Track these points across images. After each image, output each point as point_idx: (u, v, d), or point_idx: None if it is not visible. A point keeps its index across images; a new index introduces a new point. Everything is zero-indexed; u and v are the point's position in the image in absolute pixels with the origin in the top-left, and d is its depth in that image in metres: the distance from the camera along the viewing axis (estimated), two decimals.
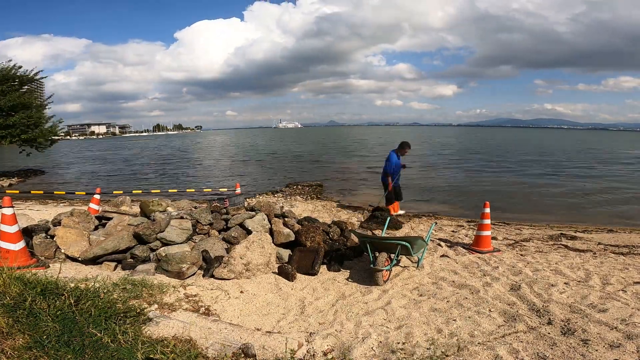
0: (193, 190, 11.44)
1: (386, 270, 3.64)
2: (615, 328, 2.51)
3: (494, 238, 5.40)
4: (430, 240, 5.42)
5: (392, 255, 3.76)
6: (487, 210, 4.83)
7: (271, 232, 4.38)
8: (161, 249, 3.68)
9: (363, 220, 6.61)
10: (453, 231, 6.05)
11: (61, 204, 9.45)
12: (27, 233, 3.92)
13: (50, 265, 3.46)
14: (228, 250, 3.94)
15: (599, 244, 5.26)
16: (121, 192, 10.39)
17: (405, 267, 4.19)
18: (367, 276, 3.80)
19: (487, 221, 4.81)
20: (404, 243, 3.61)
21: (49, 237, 3.90)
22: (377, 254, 3.66)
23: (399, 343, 2.44)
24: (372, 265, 3.61)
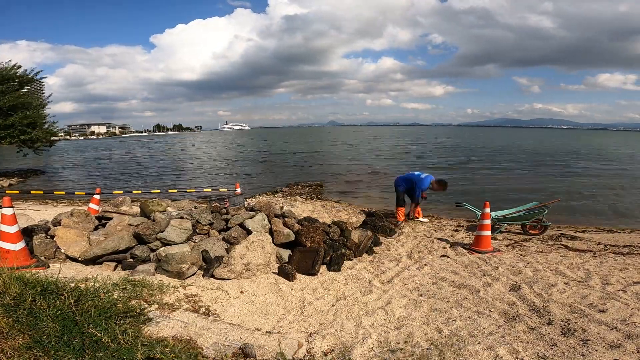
0: (193, 190, 11.44)
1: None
2: (615, 328, 2.51)
3: (493, 238, 5.40)
4: (430, 240, 5.43)
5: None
6: (488, 210, 4.84)
7: (271, 232, 4.38)
8: (161, 249, 3.68)
9: (360, 223, 6.58)
10: (453, 231, 6.06)
11: (61, 204, 9.46)
12: (27, 233, 3.92)
13: (50, 265, 3.45)
14: (228, 251, 3.94)
15: (599, 244, 5.26)
16: (121, 192, 10.39)
17: (405, 267, 4.19)
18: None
19: (487, 221, 4.81)
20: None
21: (49, 237, 3.90)
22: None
23: (399, 343, 2.44)
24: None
